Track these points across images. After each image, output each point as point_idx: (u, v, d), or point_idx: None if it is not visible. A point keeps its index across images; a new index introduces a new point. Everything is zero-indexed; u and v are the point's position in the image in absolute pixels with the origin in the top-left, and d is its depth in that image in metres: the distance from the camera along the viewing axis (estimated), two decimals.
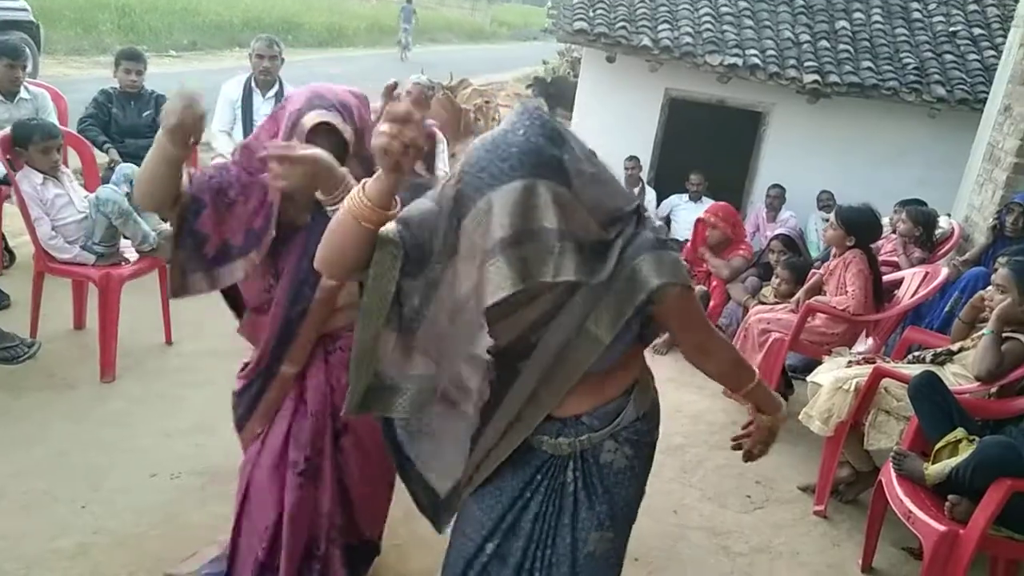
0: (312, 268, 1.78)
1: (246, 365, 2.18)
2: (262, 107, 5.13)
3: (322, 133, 1.87)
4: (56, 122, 4.36)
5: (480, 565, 1.66)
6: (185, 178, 1.94)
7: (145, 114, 5.00)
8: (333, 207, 1.68)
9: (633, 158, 7.08)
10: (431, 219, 1.47)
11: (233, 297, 2.19)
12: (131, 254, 3.88)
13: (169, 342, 4.12)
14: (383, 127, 1.37)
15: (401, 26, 22.52)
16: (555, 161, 1.38)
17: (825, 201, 6.96)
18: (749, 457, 1.80)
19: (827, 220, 4.63)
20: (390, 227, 1.47)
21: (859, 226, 4.13)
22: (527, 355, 1.53)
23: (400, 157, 1.38)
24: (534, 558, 1.64)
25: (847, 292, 4.05)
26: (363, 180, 1.46)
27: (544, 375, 1.54)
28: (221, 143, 5.09)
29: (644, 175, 7.43)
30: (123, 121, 4.95)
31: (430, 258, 1.47)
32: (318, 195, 1.71)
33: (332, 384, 2.11)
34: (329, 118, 1.87)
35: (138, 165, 4.39)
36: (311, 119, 1.86)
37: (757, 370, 1.74)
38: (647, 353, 1.73)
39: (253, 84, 5.12)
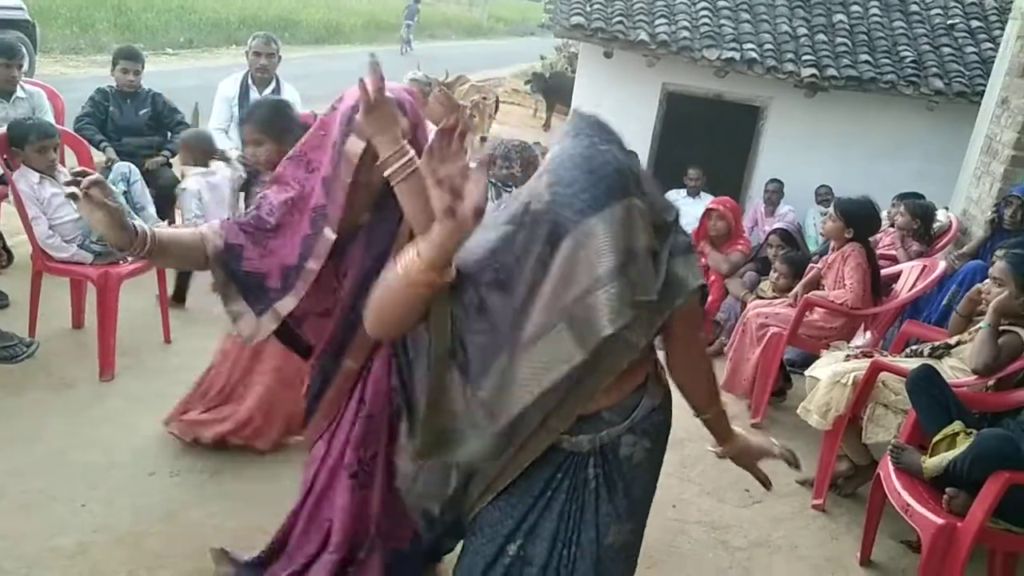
0: (375, 266, 1.78)
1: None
2: None
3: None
4: (52, 121, 4.35)
5: (503, 567, 1.62)
6: (212, 229, 1.91)
7: (142, 112, 5.00)
8: (391, 172, 1.68)
9: (631, 153, 7.08)
10: (506, 245, 1.40)
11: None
12: None
13: (168, 341, 4.12)
14: (430, 165, 1.28)
15: (404, 22, 22.62)
16: (636, 176, 1.38)
17: (824, 195, 6.96)
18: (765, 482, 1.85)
19: (825, 214, 4.63)
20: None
21: (858, 218, 4.13)
22: None
23: (452, 202, 1.27)
24: (560, 557, 1.61)
25: (845, 286, 4.05)
26: (416, 244, 1.36)
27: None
28: (219, 141, 5.09)
29: None
30: (120, 120, 4.94)
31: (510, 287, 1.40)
32: (380, 159, 1.70)
33: (394, 383, 2.03)
34: None
35: (135, 164, 4.40)
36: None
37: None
38: None
39: (250, 81, 5.11)
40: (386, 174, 1.70)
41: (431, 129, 4.72)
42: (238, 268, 1.91)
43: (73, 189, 1.66)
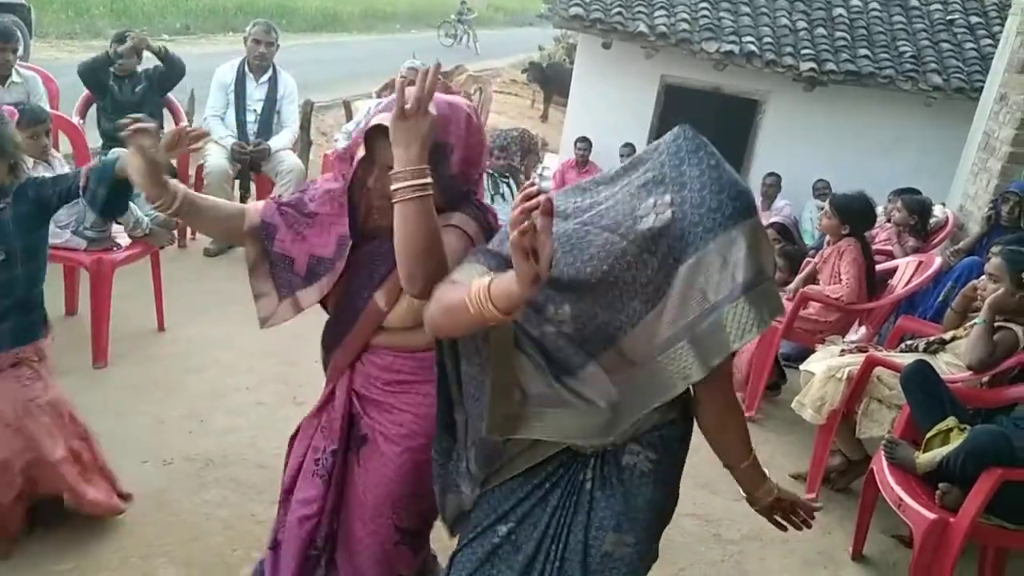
0: (366, 284, 1.76)
1: None
2: (255, 92, 5.11)
3: (382, 138, 1.73)
4: (47, 106, 4.32)
5: (491, 545, 1.64)
6: (256, 206, 1.92)
7: (138, 89, 5.00)
8: (398, 188, 1.55)
9: (628, 145, 7.08)
10: (610, 256, 1.41)
11: None
12: (123, 239, 3.86)
13: (162, 328, 4.10)
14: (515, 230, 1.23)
15: (455, 18, 22.45)
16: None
17: (821, 190, 6.96)
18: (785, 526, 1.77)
19: (822, 208, 4.63)
20: None
21: (853, 213, 4.14)
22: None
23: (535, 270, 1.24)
24: (548, 552, 1.61)
25: (841, 281, 4.05)
26: (490, 280, 1.32)
27: None
28: (214, 128, 5.07)
29: None
30: (119, 96, 4.94)
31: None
32: (393, 170, 1.58)
33: (356, 390, 2.01)
34: (387, 121, 1.72)
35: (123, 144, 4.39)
36: (373, 120, 1.74)
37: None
38: None
39: (247, 68, 5.09)
40: (392, 188, 1.58)
41: None
42: (271, 247, 1.91)
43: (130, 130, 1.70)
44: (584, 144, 7.67)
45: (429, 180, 1.57)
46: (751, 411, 4.11)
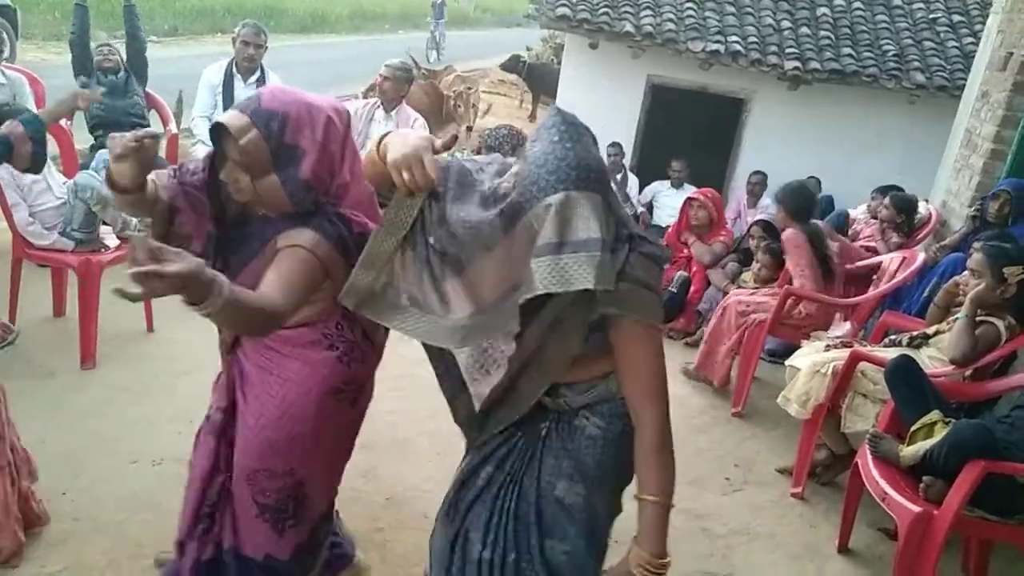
0: (236, 266, 1.82)
1: None
2: (243, 93, 5.09)
3: (226, 135, 1.73)
4: (33, 107, 4.31)
5: (477, 490, 1.79)
6: (162, 182, 1.91)
7: (120, 75, 5.06)
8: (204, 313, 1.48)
9: (615, 144, 7.10)
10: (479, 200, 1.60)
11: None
12: (111, 240, 3.86)
13: (150, 329, 4.10)
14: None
15: (433, 21, 21.82)
16: (598, 174, 1.49)
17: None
18: None
19: None
20: None
21: (786, 199, 4.33)
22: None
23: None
24: (507, 489, 1.76)
25: (801, 273, 4.14)
26: (386, 135, 1.64)
27: (532, 356, 1.65)
28: (201, 129, 5.06)
29: (626, 162, 7.45)
30: (104, 80, 5.00)
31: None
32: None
33: (239, 359, 2.08)
34: (228, 120, 1.72)
35: (116, 130, 4.41)
36: (216, 118, 1.76)
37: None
38: None
39: (235, 70, 5.08)
40: (201, 312, 1.48)
41: (413, 117, 4.68)
42: (174, 226, 1.92)
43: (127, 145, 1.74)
44: None
45: (216, 282, 1.45)
46: (738, 407, 4.15)
